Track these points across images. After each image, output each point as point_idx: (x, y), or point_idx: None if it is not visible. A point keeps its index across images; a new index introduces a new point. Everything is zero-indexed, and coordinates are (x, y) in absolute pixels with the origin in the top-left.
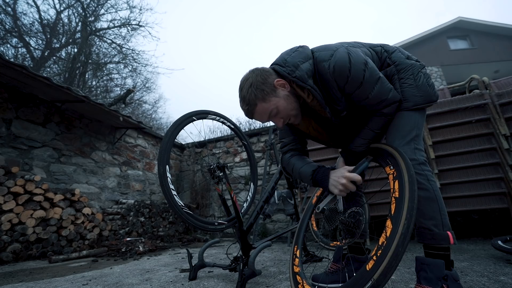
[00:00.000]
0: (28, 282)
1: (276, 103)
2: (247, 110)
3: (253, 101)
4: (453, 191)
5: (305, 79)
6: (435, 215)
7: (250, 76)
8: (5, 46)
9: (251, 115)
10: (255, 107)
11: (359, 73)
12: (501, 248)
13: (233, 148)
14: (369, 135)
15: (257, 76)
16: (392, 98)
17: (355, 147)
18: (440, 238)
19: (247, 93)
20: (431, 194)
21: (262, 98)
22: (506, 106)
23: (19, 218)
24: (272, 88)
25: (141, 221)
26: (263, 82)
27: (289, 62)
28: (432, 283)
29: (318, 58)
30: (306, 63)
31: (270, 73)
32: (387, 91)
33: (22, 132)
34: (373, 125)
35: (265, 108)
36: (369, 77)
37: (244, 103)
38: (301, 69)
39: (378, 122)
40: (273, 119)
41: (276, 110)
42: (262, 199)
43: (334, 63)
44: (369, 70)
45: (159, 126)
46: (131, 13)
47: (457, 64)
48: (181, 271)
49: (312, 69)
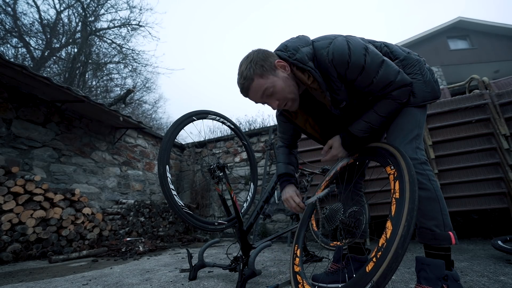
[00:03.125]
0: (28, 282)
1: (274, 82)
2: (243, 85)
3: (250, 76)
4: (453, 191)
5: (306, 61)
6: (436, 215)
7: (251, 53)
8: (5, 46)
9: (246, 91)
10: (251, 82)
11: (360, 58)
12: (501, 248)
13: (233, 148)
14: (372, 118)
15: (259, 54)
16: (400, 81)
17: (355, 130)
18: (441, 239)
19: (246, 68)
20: (432, 194)
21: (260, 74)
22: (506, 106)
23: (19, 218)
24: (272, 67)
25: (141, 221)
26: (263, 59)
27: (289, 47)
28: (432, 283)
29: (317, 46)
30: (307, 47)
31: (272, 54)
32: (393, 74)
33: (22, 132)
34: (380, 108)
35: (261, 84)
36: (371, 61)
37: (241, 78)
38: (301, 52)
39: (385, 106)
40: (268, 99)
41: (272, 89)
42: (262, 199)
43: (332, 50)
44: (370, 55)
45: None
46: (131, 13)
47: (457, 64)
48: (181, 271)
49: (312, 53)
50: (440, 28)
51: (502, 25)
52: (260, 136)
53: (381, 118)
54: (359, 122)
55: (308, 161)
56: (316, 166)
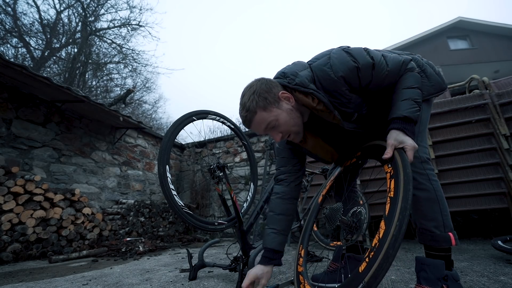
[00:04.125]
0: (28, 282)
1: (277, 115)
2: (245, 117)
3: (253, 109)
4: (453, 191)
5: (306, 84)
6: (436, 216)
7: (254, 84)
8: (5, 46)
9: (249, 124)
10: (254, 115)
11: (365, 58)
12: (501, 248)
13: (233, 148)
14: (409, 94)
15: (262, 85)
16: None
17: (406, 111)
18: (441, 240)
19: (249, 99)
20: (432, 194)
21: (263, 106)
22: (506, 106)
23: (19, 218)
24: (276, 99)
25: (141, 221)
26: (267, 91)
27: (287, 73)
28: (431, 283)
29: (315, 67)
30: (305, 71)
31: (276, 84)
32: (398, 57)
33: (22, 132)
34: (406, 82)
35: (264, 117)
36: (375, 56)
37: (244, 110)
38: (300, 76)
39: (409, 79)
40: (271, 131)
41: (276, 122)
42: (262, 199)
43: (335, 64)
44: (371, 52)
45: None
46: (131, 13)
47: (457, 64)
48: (181, 271)
49: (311, 75)
50: (440, 28)
51: (502, 25)
52: (260, 136)
53: (415, 90)
54: (400, 104)
55: (308, 161)
56: (316, 166)
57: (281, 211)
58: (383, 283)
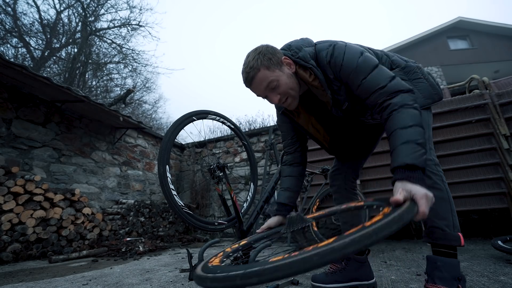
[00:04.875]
0: (28, 282)
1: (279, 76)
2: (248, 74)
3: (257, 66)
4: (453, 191)
5: (308, 59)
6: (447, 216)
7: (260, 46)
8: (5, 46)
9: (251, 81)
10: (257, 72)
11: (352, 60)
12: (501, 248)
13: (233, 148)
14: (409, 135)
15: (268, 48)
16: (394, 87)
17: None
18: (452, 239)
19: (253, 58)
20: (445, 194)
21: (267, 65)
22: (506, 106)
23: (19, 218)
24: (279, 62)
25: (141, 221)
26: (272, 53)
27: (293, 46)
28: (448, 283)
29: (319, 48)
30: (309, 47)
31: (279, 51)
32: (385, 78)
33: (22, 132)
34: (399, 122)
35: (267, 75)
36: (363, 63)
37: (247, 67)
38: (304, 51)
39: (401, 116)
40: (271, 92)
41: (276, 82)
42: (262, 199)
43: (331, 52)
44: (364, 58)
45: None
46: (131, 13)
47: (457, 64)
48: (181, 271)
49: (314, 53)
50: (440, 28)
51: (502, 25)
52: (260, 136)
53: (414, 129)
54: (398, 150)
55: (308, 161)
56: (316, 166)
57: (288, 173)
58: (383, 282)
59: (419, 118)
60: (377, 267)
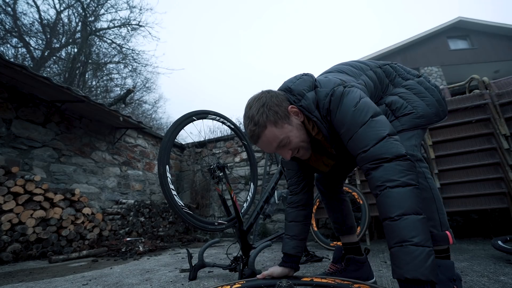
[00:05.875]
0: (28, 282)
1: (289, 132)
2: (253, 132)
3: (263, 123)
4: (453, 191)
5: (312, 110)
6: (433, 216)
7: (262, 95)
8: (5, 46)
9: (257, 139)
10: (264, 129)
11: (344, 116)
12: (501, 248)
13: (233, 148)
14: (399, 233)
15: (272, 98)
16: (376, 153)
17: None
18: (439, 240)
19: (257, 112)
20: (429, 193)
21: (274, 121)
22: (506, 106)
23: (19, 218)
24: (286, 113)
25: (141, 221)
26: (277, 105)
27: (294, 91)
28: (444, 285)
29: (318, 96)
30: (311, 92)
31: (285, 98)
32: (370, 139)
33: (22, 132)
34: (385, 213)
35: (275, 134)
36: (353, 117)
37: (251, 123)
38: (307, 98)
39: (385, 203)
40: (282, 149)
41: (287, 140)
42: (262, 199)
43: (328, 104)
44: (354, 111)
45: (159, 126)
46: (131, 13)
47: (457, 64)
48: (181, 271)
49: (316, 99)
50: (440, 28)
51: (502, 25)
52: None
53: (402, 223)
54: (393, 255)
55: None
56: None
57: (292, 218)
58: (383, 282)
59: (407, 200)
60: (377, 267)
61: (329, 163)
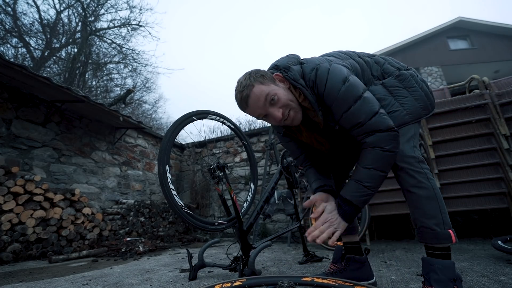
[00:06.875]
0: (28, 282)
1: (276, 90)
2: (242, 93)
3: (251, 83)
4: (453, 191)
5: (297, 78)
6: (436, 214)
7: (249, 70)
8: (5, 46)
9: (246, 99)
10: (252, 88)
11: (334, 89)
12: (501, 248)
13: (233, 148)
14: (361, 175)
15: (257, 69)
16: (372, 126)
17: (348, 194)
18: (442, 238)
19: (244, 78)
20: (431, 192)
21: (261, 81)
22: (506, 106)
23: (19, 218)
24: (272, 78)
25: (141, 221)
26: (263, 72)
27: (280, 65)
28: (444, 285)
29: (304, 70)
30: (297, 66)
31: (269, 71)
32: (366, 114)
33: (22, 132)
34: (363, 161)
35: (262, 89)
36: (345, 94)
37: (240, 86)
38: (293, 69)
39: (367, 156)
40: (271, 107)
41: (275, 96)
42: (262, 199)
43: (313, 77)
44: (346, 87)
45: (159, 126)
46: (131, 13)
47: (457, 64)
48: (181, 271)
49: (301, 72)
50: (440, 28)
51: (502, 25)
52: (260, 136)
53: (369, 172)
54: (349, 183)
55: None
56: None
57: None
58: (383, 282)
59: (383, 161)
60: (377, 267)
61: (322, 142)
